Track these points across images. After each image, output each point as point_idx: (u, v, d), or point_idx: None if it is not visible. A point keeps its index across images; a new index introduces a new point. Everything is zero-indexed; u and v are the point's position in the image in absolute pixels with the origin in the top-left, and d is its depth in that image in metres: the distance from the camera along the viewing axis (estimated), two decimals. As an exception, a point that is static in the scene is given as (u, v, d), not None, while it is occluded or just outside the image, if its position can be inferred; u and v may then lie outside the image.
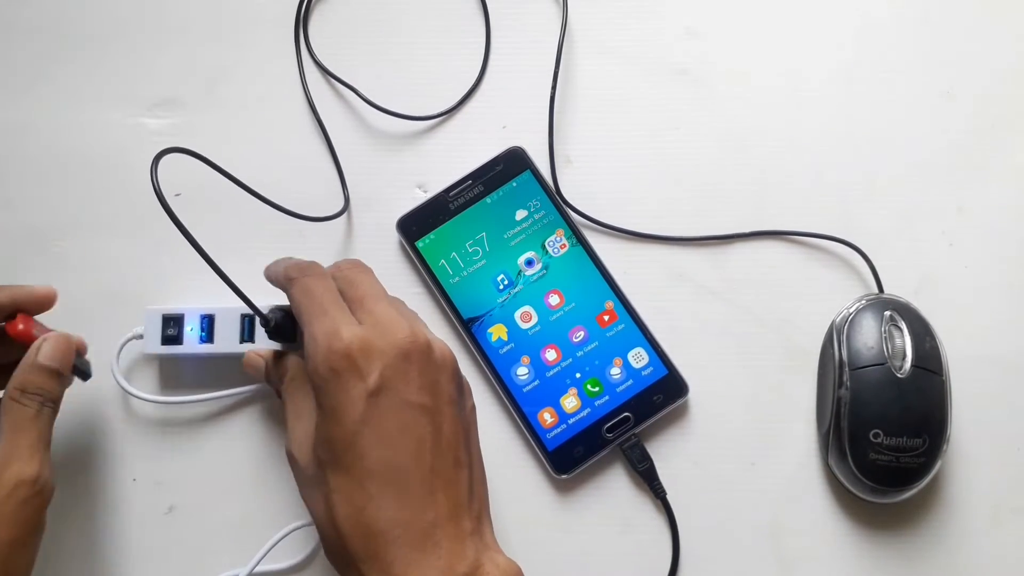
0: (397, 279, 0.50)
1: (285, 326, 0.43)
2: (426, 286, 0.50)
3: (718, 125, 0.51)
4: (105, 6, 0.54)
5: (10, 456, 0.39)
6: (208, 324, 0.47)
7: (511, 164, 0.50)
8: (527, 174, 0.50)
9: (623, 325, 0.48)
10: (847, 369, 0.45)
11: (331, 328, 0.38)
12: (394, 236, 0.50)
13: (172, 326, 0.47)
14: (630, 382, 0.48)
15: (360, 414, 0.36)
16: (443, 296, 0.49)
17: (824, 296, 0.49)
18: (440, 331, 0.49)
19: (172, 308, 0.47)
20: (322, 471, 0.37)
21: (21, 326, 0.42)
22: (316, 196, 0.51)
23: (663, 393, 0.48)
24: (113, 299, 0.49)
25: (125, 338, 0.47)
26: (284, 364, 0.43)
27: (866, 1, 0.53)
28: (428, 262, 0.49)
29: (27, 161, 0.52)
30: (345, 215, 0.51)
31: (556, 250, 0.49)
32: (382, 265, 0.50)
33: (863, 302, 0.47)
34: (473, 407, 0.41)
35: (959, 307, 0.49)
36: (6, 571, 0.38)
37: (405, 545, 0.36)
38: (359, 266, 0.42)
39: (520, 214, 0.50)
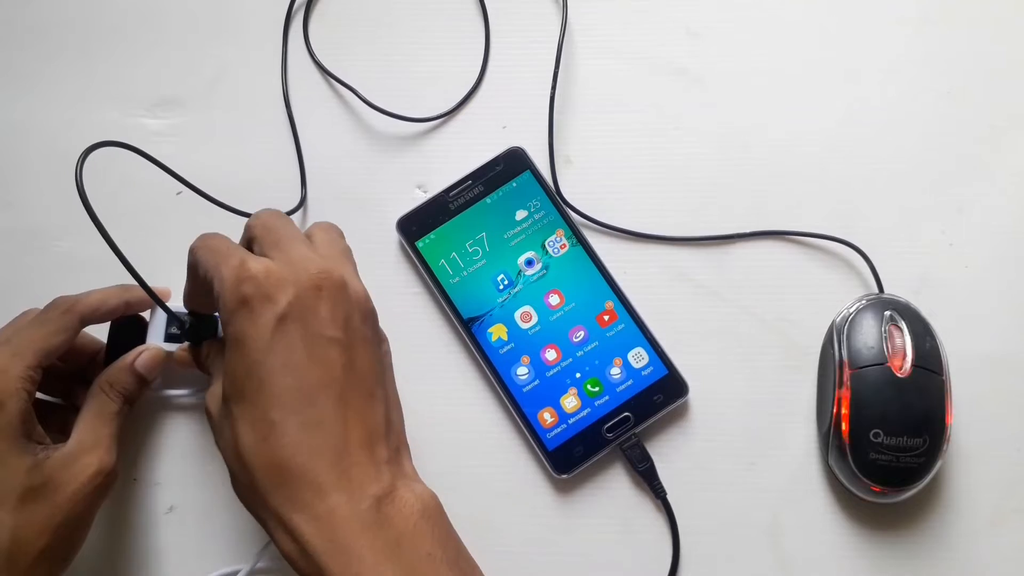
0: (397, 279, 0.50)
1: (203, 328, 0.44)
2: (426, 286, 0.50)
3: (718, 125, 0.51)
4: (105, 6, 0.54)
5: (96, 444, 0.42)
6: (214, 325, 0.46)
7: (511, 164, 0.50)
8: (527, 174, 0.50)
9: (623, 325, 0.48)
10: (847, 369, 0.45)
11: (237, 262, 0.37)
12: (394, 236, 0.50)
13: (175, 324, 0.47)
14: (630, 382, 0.48)
15: (266, 341, 0.35)
16: (443, 296, 0.49)
17: (824, 296, 0.49)
18: (440, 331, 0.49)
19: (178, 306, 0.47)
20: (226, 405, 0.36)
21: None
22: (317, 196, 0.51)
23: (663, 393, 0.48)
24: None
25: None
26: (205, 349, 0.43)
27: (866, 1, 0.53)
28: (428, 262, 0.49)
29: (27, 161, 0.52)
30: (345, 213, 0.51)
31: (556, 250, 0.49)
32: (382, 265, 0.50)
33: (863, 302, 0.47)
34: (389, 352, 0.41)
35: (959, 307, 0.49)
36: (70, 543, 0.41)
37: (312, 470, 0.34)
38: (274, 213, 0.41)
39: (520, 214, 0.50)
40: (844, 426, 0.44)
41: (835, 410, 0.45)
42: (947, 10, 0.52)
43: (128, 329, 0.46)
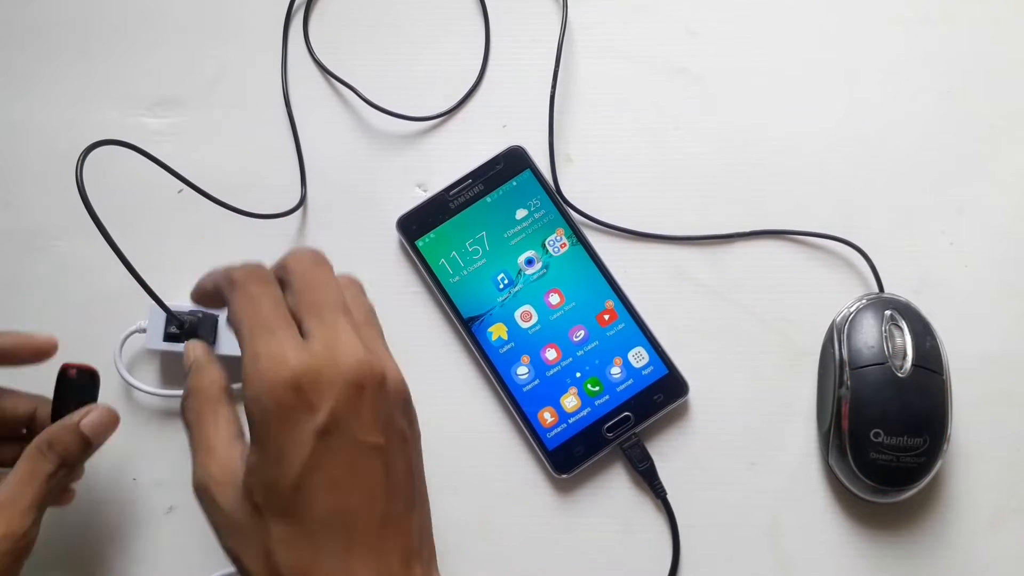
0: (397, 278, 0.50)
1: (200, 331, 0.43)
2: (426, 285, 0.50)
3: (718, 125, 0.51)
4: (105, 6, 0.54)
5: (10, 505, 0.39)
6: (213, 325, 0.46)
7: (511, 163, 0.50)
8: (527, 173, 0.50)
9: (623, 324, 0.48)
10: (848, 368, 0.45)
11: (277, 352, 0.33)
12: (394, 235, 0.50)
13: (175, 324, 0.47)
14: (630, 381, 0.48)
15: (308, 456, 0.32)
16: (443, 295, 0.49)
17: (824, 295, 0.49)
18: (440, 330, 0.49)
19: (178, 305, 0.47)
20: (261, 519, 0.33)
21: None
22: (317, 195, 0.51)
23: (663, 392, 0.48)
24: (113, 299, 0.49)
25: (128, 331, 0.47)
26: (200, 374, 0.37)
27: (866, 1, 0.53)
28: (428, 261, 0.49)
29: (27, 161, 0.52)
30: (345, 213, 0.51)
31: (556, 249, 0.49)
32: (382, 265, 0.50)
33: (863, 301, 0.47)
34: (419, 435, 0.38)
35: (959, 307, 0.49)
36: None
37: None
38: (317, 262, 0.36)
39: (520, 213, 0.50)
40: (844, 425, 0.44)
41: (835, 409, 0.45)
42: (947, 10, 0.52)
43: (79, 383, 0.43)
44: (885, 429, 0.44)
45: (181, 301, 0.43)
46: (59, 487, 0.41)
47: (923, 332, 0.45)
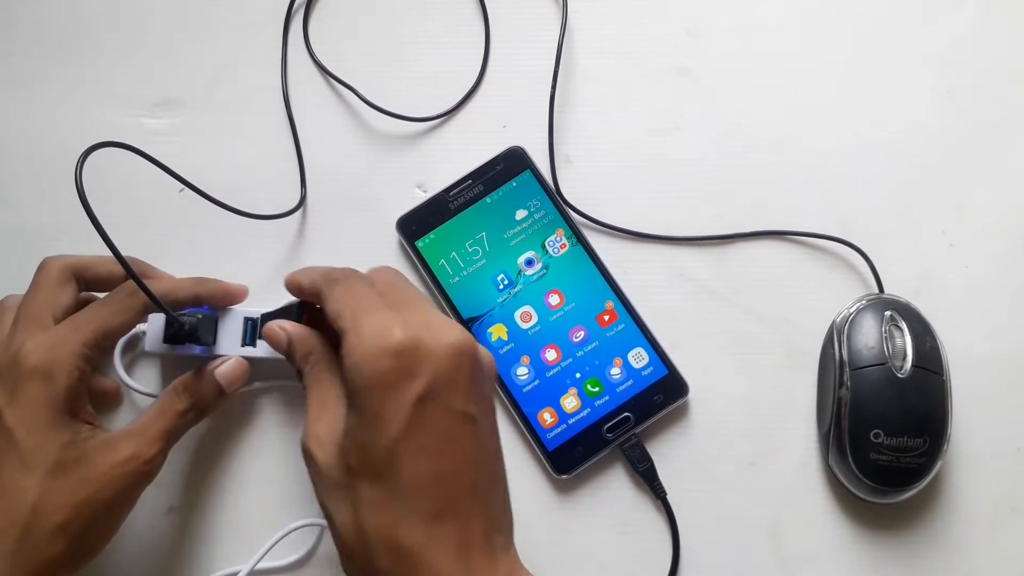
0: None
1: (200, 332, 0.44)
2: (426, 286, 0.50)
3: (718, 125, 0.51)
4: (105, 6, 0.54)
5: (141, 432, 0.42)
6: (213, 326, 0.46)
7: (511, 164, 0.50)
8: (527, 174, 0.50)
9: (623, 325, 0.48)
10: (848, 369, 0.45)
11: (381, 325, 0.35)
12: (394, 236, 0.50)
13: (174, 325, 0.46)
14: (630, 382, 0.48)
15: (404, 422, 0.34)
16: (443, 296, 0.49)
17: (824, 296, 0.49)
18: (440, 331, 0.49)
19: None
20: (352, 479, 0.35)
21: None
22: (317, 196, 0.51)
23: (663, 393, 0.48)
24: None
25: (129, 332, 0.47)
26: (308, 342, 0.41)
27: (866, 1, 0.53)
28: (428, 262, 0.49)
29: (27, 161, 0.52)
30: (345, 213, 0.51)
31: (556, 250, 0.49)
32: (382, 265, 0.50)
33: (863, 302, 0.47)
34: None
35: (959, 307, 0.49)
36: (93, 525, 0.40)
37: (438, 560, 0.34)
38: (398, 273, 0.41)
39: (520, 214, 0.50)
40: (844, 426, 0.44)
41: (835, 410, 0.45)
42: (947, 10, 0.52)
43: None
44: (885, 430, 0.44)
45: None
46: (189, 426, 0.44)
47: (923, 333, 0.45)
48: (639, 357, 0.48)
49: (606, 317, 0.48)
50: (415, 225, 0.50)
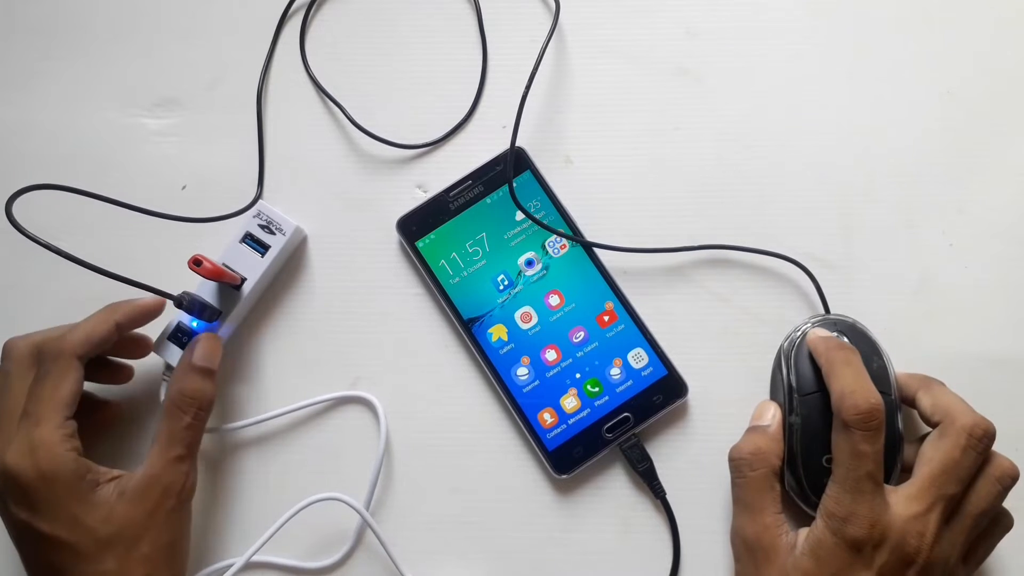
0: (397, 280, 0.50)
1: (195, 307, 0.44)
2: (426, 286, 0.50)
3: (718, 125, 0.51)
4: (105, 6, 0.54)
5: (161, 468, 0.42)
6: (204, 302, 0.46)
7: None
8: (527, 174, 0.50)
9: (623, 325, 0.48)
10: (796, 395, 0.44)
11: (871, 508, 0.40)
12: (394, 236, 0.50)
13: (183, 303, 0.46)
14: (630, 382, 0.48)
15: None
16: (443, 296, 0.49)
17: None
18: (440, 331, 0.49)
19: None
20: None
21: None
22: (317, 196, 0.51)
23: (663, 393, 0.48)
24: (113, 300, 0.49)
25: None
26: None
27: (866, 1, 0.53)
28: (428, 262, 0.49)
29: (26, 161, 0.52)
30: (345, 213, 0.51)
31: (556, 250, 0.49)
32: (382, 265, 0.50)
33: (808, 324, 0.46)
34: None
35: (959, 307, 0.49)
36: (171, 566, 0.42)
37: None
38: (843, 347, 0.44)
39: (520, 214, 0.50)
40: (797, 451, 0.44)
41: (787, 437, 0.44)
42: (947, 10, 0.52)
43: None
44: None
45: (180, 303, 0.44)
46: (203, 426, 0.44)
47: (870, 353, 0.44)
48: (639, 357, 0.48)
49: (606, 318, 0.48)
50: (415, 225, 0.50)
